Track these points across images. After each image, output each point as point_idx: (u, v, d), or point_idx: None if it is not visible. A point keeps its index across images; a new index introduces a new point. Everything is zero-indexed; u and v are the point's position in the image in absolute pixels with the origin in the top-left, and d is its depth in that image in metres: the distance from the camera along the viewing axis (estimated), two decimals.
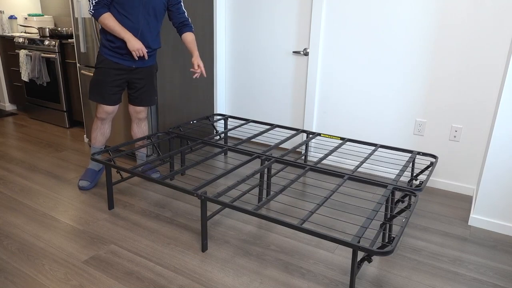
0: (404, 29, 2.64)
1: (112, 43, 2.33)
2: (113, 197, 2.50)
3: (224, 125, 3.22)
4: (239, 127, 2.91)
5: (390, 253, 1.45)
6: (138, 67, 2.45)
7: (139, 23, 2.31)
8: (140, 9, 2.29)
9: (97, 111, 2.49)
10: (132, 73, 2.45)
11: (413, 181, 2.41)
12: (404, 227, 1.60)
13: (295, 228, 1.62)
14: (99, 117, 2.50)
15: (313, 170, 2.22)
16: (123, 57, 2.38)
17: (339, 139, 2.78)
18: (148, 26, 2.35)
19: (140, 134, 2.70)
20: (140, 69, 2.47)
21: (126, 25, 2.29)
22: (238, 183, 1.99)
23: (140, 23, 2.32)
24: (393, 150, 2.50)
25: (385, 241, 2.00)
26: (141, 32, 2.34)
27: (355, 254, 1.55)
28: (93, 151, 2.56)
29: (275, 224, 2.23)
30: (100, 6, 2.22)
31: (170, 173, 2.12)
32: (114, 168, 2.19)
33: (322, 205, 1.84)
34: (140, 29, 2.33)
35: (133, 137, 2.72)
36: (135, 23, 2.31)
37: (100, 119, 2.51)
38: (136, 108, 2.60)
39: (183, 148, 2.55)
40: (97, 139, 2.56)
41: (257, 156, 2.37)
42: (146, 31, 2.35)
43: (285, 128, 2.87)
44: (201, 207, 1.90)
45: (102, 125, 2.53)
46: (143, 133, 2.71)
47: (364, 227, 1.62)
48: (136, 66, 2.44)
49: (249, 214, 1.72)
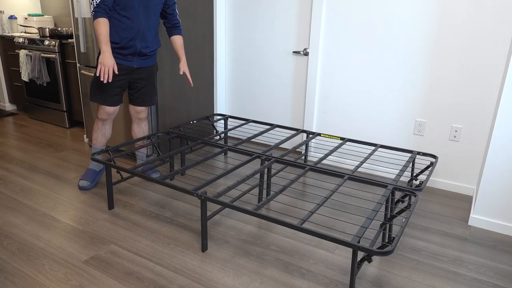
0: (404, 29, 2.64)
1: (114, 43, 2.32)
2: (113, 197, 2.50)
3: (224, 125, 3.22)
4: (239, 127, 2.91)
5: (390, 253, 1.45)
6: (140, 67, 2.45)
7: (140, 25, 2.32)
8: (141, 11, 2.30)
9: (98, 112, 2.49)
10: (133, 74, 2.45)
11: (413, 181, 2.41)
12: (404, 227, 1.60)
13: (295, 228, 1.62)
14: (100, 118, 2.50)
15: (313, 170, 2.22)
16: (125, 58, 2.38)
17: (339, 139, 2.79)
18: (148, 26, 2.36)
19: (140, 134, 2.70)
20: (141, 69, 2.47)
21: (128, 27, 2.29)
22: (238, 183, 1.99)
23: (141, 24, 2.33)
24: (393, 150, 2.51)
25: (385, 241, 2.00)
26: (142, 33, 2.35)
27: (355, 254, 1.55)
28: (94, 152, 2.56)
29: (275, 224, 2.23)
30: (100, 9, 2.21)
31: (170, 173, 2.12)
32: (114, 168, 2.19)
33: (322, 205, 1.84)
34: (142, 30, 2.34)
35: (134, 137, 2.72)
36: (137, 25, 2.31)
37: (101, 120, 2.50)
38: (137, 108, 2.60)
39: (183, 148, 2.55)
40: (98, 140, 2.56)
41: (257, 156, 2.37)
42: (147, 32, 2.36)
43: (285, 128, 2.87)
44: (201, 207, 1.90)
45: (103, 126, 2.53)
46: (144, 133, 2.71)
47: (364, 227, 1.62)
48: (137, 66, 2.44)
49: (249, 214, 1.72)
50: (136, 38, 2.34)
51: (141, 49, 2.39)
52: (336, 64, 2.96)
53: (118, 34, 2.30)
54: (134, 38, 2.33)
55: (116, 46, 2.33)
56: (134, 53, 2.38)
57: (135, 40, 2.34)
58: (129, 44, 2.33)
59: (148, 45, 2.41)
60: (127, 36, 2.31)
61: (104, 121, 2.51)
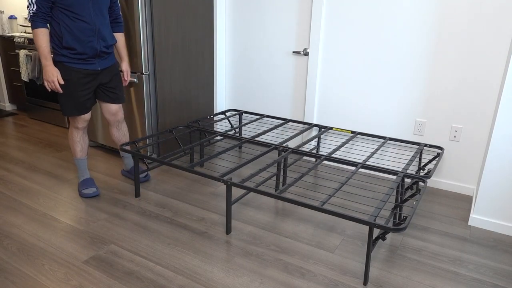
0: (405, 29, 2.64)
1: (72, 50, 2.19)
2: (114, 197, 2.51)
3: (239, 120, 3.39)
4: (254, 121, 3.15)
5: (403, 230, 1.57)
6: (104, 68, 2.36)
7: (94, 23, 2.21)
8: (90, 8, 2.18)
9: (76, 122, 2.39)
10: (99, 76, 2.36)
11: (420, 170, 2.56)
12: (416, 208, 1.74)
13: (316, 209, 1.75)
14: (79, 127, 2.40)
15: (328, 159, 2.35)
16: (86, 62, 2.26)
17: (350, 133, 3.00)
18: (102, 23, 2.26)
19: (122, 137, 2.63)
20: (106, 69, 2.38)
21: (83, 27, 2.17)
22: (260, 171, 2.14)
23: (95, 22, 2.22)
24: (401, 142, 2.68)
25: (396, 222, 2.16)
26: (98, 31, 2.24)
27: (371, 231, 1.68)
28: (81, 164, 2.53)
29: (275, 224, 2.23)
30: (38, 18, 2.09)
31: (199, 160, 2.29)
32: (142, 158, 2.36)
33: (339, 189, 2.02)
34: (97, 29, 2.23)
35: (116, 142, 2.66)
36: (91, 24, 2.20)
37: (81, 129, 2.42)
38: (111, 107, 2.49)
39: (203, 140, 2.67)
40: (84, 150, 2.50)
41: (274, 147, 2.51)
42: (102, 29, 2.26)
43: (298, 123, 3.07)
44: (226, 192, 2.06)
45: (83, 135, 2.46)
46: (125, 136, 2.64)
47: (379, 208, 1.76)
48: (101, 68, 2.34)
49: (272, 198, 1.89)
50: (93, 39, 2.23)
51: (101, 49, 2.28)
52: (336, 64, 2.96)
53: (74, 37, 2.17)
54: (91, 39, 2.22)
55: (74, 52, 2.20)
56: (95, 55, 2.27)
57: (93, 40, 2.23)
58: (87, 46, 2.21)
59: (106, 42, 2.30)
60: (83, 37, 2.19)
61: (84, 129, 2.44)
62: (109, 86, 2.43)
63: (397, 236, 2.16)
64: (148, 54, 2.83)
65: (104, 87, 2.42)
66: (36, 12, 2.07)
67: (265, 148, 3.43)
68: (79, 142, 2.46)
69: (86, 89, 2.31)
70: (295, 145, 3.05)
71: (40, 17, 2.09)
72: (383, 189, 2.74)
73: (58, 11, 2.12)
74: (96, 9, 2.21)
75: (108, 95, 2.45)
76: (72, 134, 2.45)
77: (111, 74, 2.42)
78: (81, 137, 2.46)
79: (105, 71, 2.38)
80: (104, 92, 2.43)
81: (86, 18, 2.18)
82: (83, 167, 2.55)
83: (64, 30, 2.15)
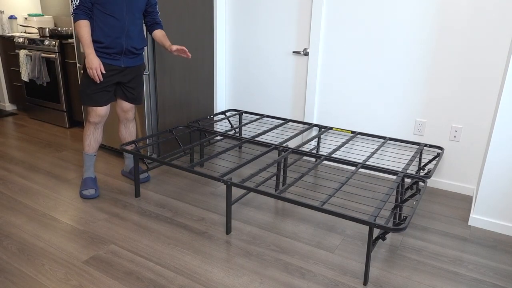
0: (405, 29, 2.64)
1: (99, 43, 2.27)
2: (114, 197, 2.51)
3: (239, 120, 3.38)
4: (254, 121, 3.12)
5: (403, 230, 1.56)
6: (127, 66, 2.41)
7: (125, 21, 2.29)
8: (124, 7, 2.27)
9: (90, 116, 2.42)
10: (122, 74, 2.41)
11: (420, 170, 2.56)
12: (416, 208, 1.73)
13: (315, 209, 1.74)
14: (92, 122, 2.44)
15: (328, 159, 2.35)
16: (111, 57, 2.34)
17: (350, 133, 2.99)
18: (133, 24, 2.33)
19: (128, 136, 2.66)
20: (129, 69, 2.43)
21: (112, 24, 2.25)
22: (260, 171, 2.13)
23: (126, 21, 2.29)
24: (401, 142, 2.68)
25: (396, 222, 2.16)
26: (127, 30, 2.31)
27: (371, 231, 1.68)
28: (87, 160, 2.54)
29: (275, 224, 2.23)
30: (81, 11, 2.19)
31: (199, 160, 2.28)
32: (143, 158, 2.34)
33: (339, 189, 2.01)
34: (126, 28, 2.30)
35: (121, 140, 2.70)
36: (121, 21, 2.28)
37: (93, 124, 2.45)
38: (124, 105, 2.54)
39: (203, 140, 2.67)
40: (91, 146, 2.51)
41: (274, 147, 2.50)
42: (131, 29, 2.33)
43: (298, 123, 3.05)
44: (226, 192, 2.06)
45: (95, 130, 2.48)
46: (131, 135, 2.68)
47: (379, 208, 1.75)
48: (125, 66, 2.39)
49: (272, 198, 1.87)
50: (121, 36, 2.30)
51: (127, 47, 2.35)
52: (336, 64, 2.96)
53: (103, 32, 2.25)
54: (119, 36, 2.29)
55: (102, 45, 2.28)
56: (121, 51, 2.33)
57: (121, 38, 2.30)
58: (115, 42, 2.29)
59: (134, 43, 2.36)
60: (112, 34, 2.27)
61: (96, 124, 2.45)
62: (128, 86, 2.49)
63: (397, 236, 2.16)
64: (148, 54, 2.83)
65: (124, 86, 2.48)
66: (78, 5, 2.20)
67: (265, 148, 3.44)
68: (88, 136, 2.50)
69: (105, 82, 2.36)
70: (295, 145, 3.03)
71: (81, 9, 2.20)
72: (383, 189, 2.75)
73: (94, 7, 2.24)
74: (129, 9, 2.30)
75: (126, 94, 2.51)
76: (85, 127, 2.51)
77: (133, 74, 2.47)
78: (92, 132, 2.49)
79: (128, 70, 2.44)
80: (123, 90, 2.50)
81: (117, 16, 2.27)
82: (88, 163, 2.56)
83: (96, 24, 2.25)
